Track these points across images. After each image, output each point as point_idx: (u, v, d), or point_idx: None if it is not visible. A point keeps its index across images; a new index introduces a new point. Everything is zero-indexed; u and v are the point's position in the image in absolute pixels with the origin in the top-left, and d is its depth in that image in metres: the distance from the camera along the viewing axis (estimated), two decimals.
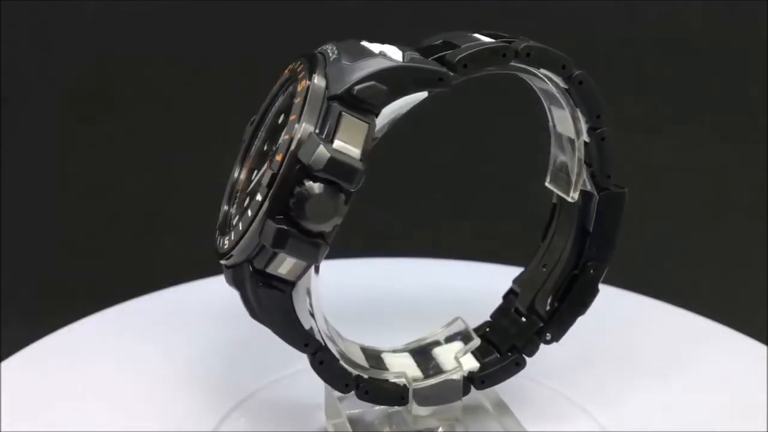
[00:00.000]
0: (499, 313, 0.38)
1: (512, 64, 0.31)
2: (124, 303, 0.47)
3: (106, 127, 0.68)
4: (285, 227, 0.28)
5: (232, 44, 0.66)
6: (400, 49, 0.31)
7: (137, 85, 0.67)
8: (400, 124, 0.35)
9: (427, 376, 0.35)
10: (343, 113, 0.28)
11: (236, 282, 0.31)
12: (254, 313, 0.32)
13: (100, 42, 0.66)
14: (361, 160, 0.28)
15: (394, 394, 0.35)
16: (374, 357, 0.36)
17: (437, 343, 0.37)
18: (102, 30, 0.66)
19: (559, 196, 0.36)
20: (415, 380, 0.35)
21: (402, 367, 0.35)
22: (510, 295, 0.38)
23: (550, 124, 0.36)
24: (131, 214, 0.69)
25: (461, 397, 0.35)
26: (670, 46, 0.65)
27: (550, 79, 0.33)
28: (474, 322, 0.38)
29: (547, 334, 0.35)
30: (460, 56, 0.30)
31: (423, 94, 0.29)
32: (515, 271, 0.38)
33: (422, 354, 0.36)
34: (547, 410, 0.38)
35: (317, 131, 0.28)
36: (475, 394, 0.36)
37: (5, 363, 0.41)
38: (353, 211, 0.37)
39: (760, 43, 0.64)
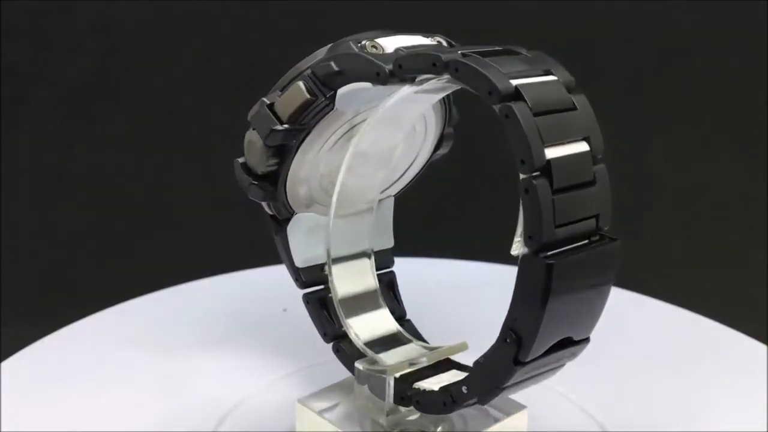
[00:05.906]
0: None
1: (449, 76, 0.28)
2: (124, 303, 0.47)
3: (106, 127, 0.68)
4: (239, 159, 0.34)
5: (233, 44, 0.66)
6: (414, 43, 0.31)
7: (137, 84, 0.67)
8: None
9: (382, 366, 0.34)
10: (298, 82, 0.32)
11: None
12: None
13: (100, 42, 0.66)
14: (285, 122, 0.32)
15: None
16: (399, 335, 0.36)
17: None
18: (102, 30, 0.66)
19: None
20: (374, 363, 0.34)
21: (401, 353, 0.35)
22: None
23: None
24: (131, 214, 0.69)
25: (386, 400, 0.33)
26: (671, 45, 0.65)
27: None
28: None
29: (464, 387, 0.30)
30: (399, 56, 0.29)
31: (368, 85, 0.31)
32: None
33: (435, 353, 0.35)
34: (547, 410, 0.38)
35: (281, 89, 0.32)
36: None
37: (5, 363, 0.41)
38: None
39: (761, 43, 0.64)
